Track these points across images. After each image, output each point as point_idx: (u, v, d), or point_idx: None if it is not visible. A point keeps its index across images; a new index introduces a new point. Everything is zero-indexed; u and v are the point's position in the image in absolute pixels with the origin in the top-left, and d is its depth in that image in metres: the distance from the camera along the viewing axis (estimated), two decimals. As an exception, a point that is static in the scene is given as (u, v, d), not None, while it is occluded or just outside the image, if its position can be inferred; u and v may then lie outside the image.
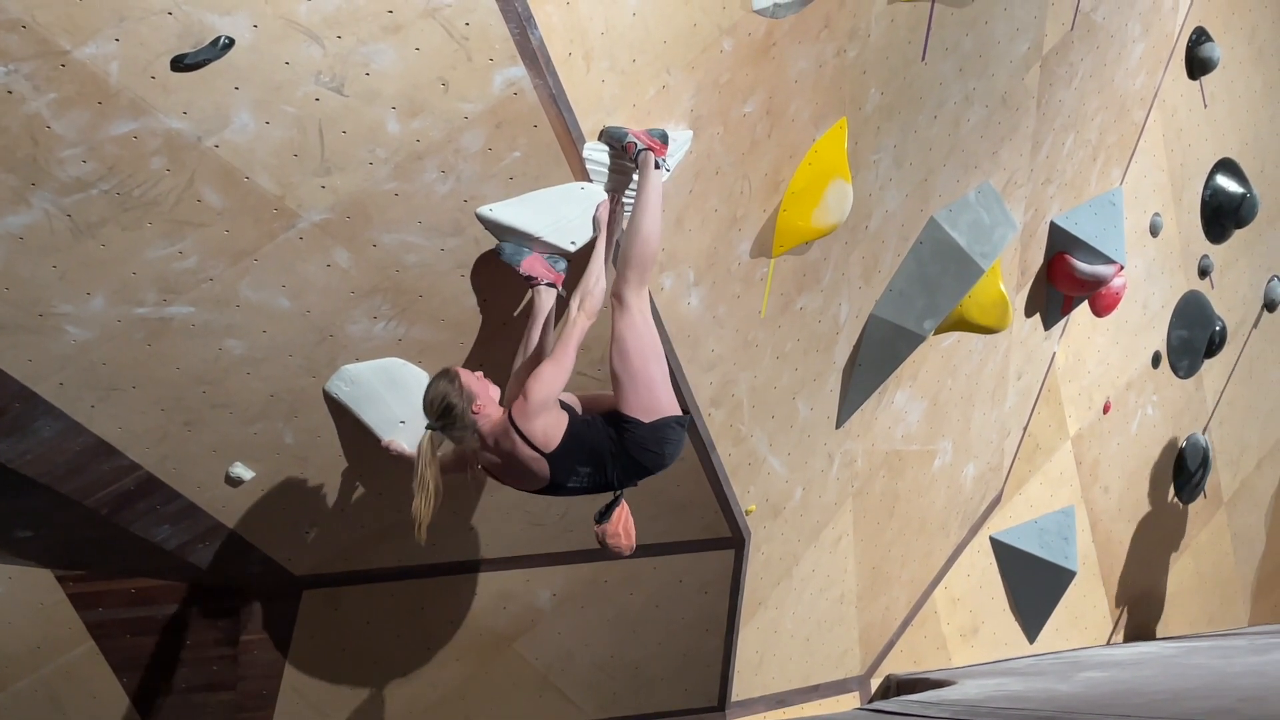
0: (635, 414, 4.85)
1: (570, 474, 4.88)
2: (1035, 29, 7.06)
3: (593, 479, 4.94)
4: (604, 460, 4.89)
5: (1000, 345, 8.34)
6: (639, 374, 4.86)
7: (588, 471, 4.91)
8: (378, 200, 4.80)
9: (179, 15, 4.17)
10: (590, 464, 4.89)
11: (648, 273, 4.93)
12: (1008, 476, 9.16)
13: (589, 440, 4.86)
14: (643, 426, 4.86)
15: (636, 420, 4.85)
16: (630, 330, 4.85)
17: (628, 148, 4.95)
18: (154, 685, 6.53)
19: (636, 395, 4.86)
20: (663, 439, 4.91)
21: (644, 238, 4.87)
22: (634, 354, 4.85)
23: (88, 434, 5.29)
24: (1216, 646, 9.42)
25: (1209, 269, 10.36)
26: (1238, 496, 11.59)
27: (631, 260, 4.88)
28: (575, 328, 4.81)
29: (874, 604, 8.24)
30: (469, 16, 4.44)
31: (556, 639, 6.87)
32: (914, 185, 6.86)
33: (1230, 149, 10.27)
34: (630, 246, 4.89)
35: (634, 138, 4.94)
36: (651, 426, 4.87)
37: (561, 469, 4.85)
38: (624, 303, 4.88)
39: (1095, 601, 10.08)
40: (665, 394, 4.93)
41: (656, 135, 5.00)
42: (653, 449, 4.90)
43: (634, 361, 4.85)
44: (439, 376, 4.82)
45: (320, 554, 6.27)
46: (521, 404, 4.76)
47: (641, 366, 4.86)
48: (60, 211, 4.53)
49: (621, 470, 4.92)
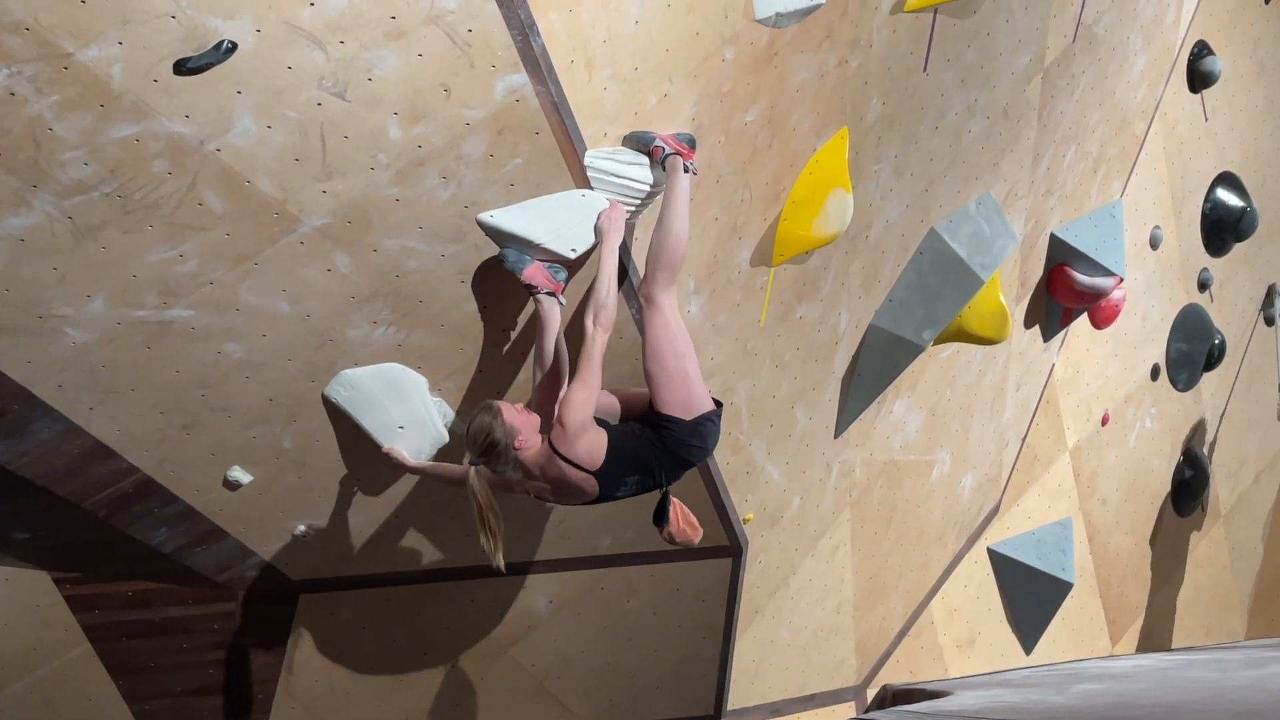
0: (675, 413, 4.92)
1: (619, 485, 4.97)
2: (1037, 41, 7.07)
3: (641, 484, 5.01)
4: (650, 465, 4.96)
5: (999, 356, 8.34)
6: (675, 373, 4.93)
7: (635, 480, 4.99)
8: (379, 205, 4.80)
9: (182, 19, 4.18)
10: (637, 471, 4.97)
11: (677, 273, 5.01)
12: (1006, 487, 9.15)
13: (632, 449, 4.93)
14: (683, 425, 4.93)
15: (677, 420, 4.92)
16: (663, 330, 4.93)
17: (654, 152, 5.00)
18: (149, 688, 6.53)
19: (674, 394, 4.92)
20: (705, 433, 4.99)
21: (675, 239, 4.95)
22: (668, 353, 4.93)
23: (86, 436, 5.29)
24: (1213, 659, 9.42)
25: (1208, 282, 10.37)
26: (1235, 510, 11.59)
27: (661, 261, 4.96)
28: (595, 344, 4.83)
29: (871, 614, 8.23)
30: (472, 23, 4.44)
31: (553, 646, 6.87)
32: (915, 196, 6.87)
33: (1231, 162, 10.29)
34: (661, 247, 4.97)
35: (661, 141, 5.01)
36: (692, 424, 4.95)
37: (610, 482, 4.93)
38: (654, 302, 4.95)
39: (1092, 614, 10.07)
40: (701, 390, 5.01)
41: (684, 139, 5.08)
42: (696, 443, 4.98)
43: (669, 361, 4.93)
44: (481, 411, 4.88)
45: (317, 558, 6.27)
46: (560, 432, 4.81)
47: (676, 365, 4.94)
48: (61, 214, 4.53)
49: (668, 470, 5.00)
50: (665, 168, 5.01)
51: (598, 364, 4.81)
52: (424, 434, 5.56)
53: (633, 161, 5.05)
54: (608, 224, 4.99)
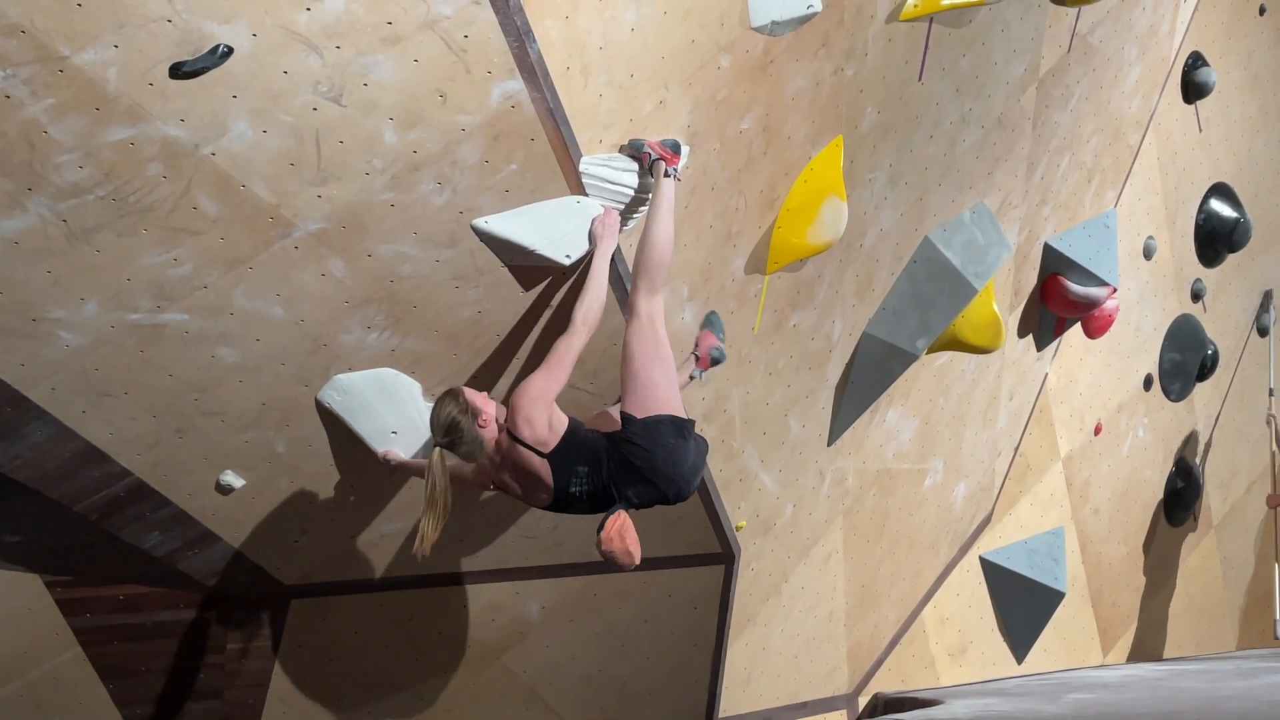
0: (630, 410, 4.88)
1: (570, 475, 4.87)
2: (1032, 51, 7.09)
3: (591, 479, 4.89)
4: (599, 458, 4.87)
5: (993, 365, 8.35)
6: (639, 374, 4.89)
7: (585, 471, 4.88)
8: (374, 211, 4.80)
9: (178, 23, 4.18)
10: (588, 464, 4.88)
11: (660, 279, 4.97)
12: (998, 497, 9.16)
13: (586, 439, 4.90)
14: (635, 421, 4.86)
15: (630, 415, 4.87)
16: (636, 335, 4.90)
17: (643, 158, 5.03)
18: (140, 692, 6.52)
19: (634, 394, 4.89)
20: (654, 437, 4.84)
21: (657, 245, 4.94)
22: (637, 356, 4.90)
23: (79, 439, 5.28)
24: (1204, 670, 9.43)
25: (1202, 292, 10.39)
26: (1227, 520, 11.60)
27: (643, 267, 4.95)
28: (574, 338, 4.83)
29: (863, 622, 8.24)
30: (468, 29, 4.44)
31: (545, 652, 6.86)
32: (909, 204, 6.88)
33: (1225, 173, 10.31)
34: (643, 253, 4.96)
35: (649, 148, 5.02)
36: (643, 422, 4.85)
37: (561, 470, 4.86)
38: (635, 309, 4.94)
39: (1084, 623, 10.08)
40: (665, 396, 4.92)
41: (669, 145, 5.08)
42: (643, 444, 4.83)
43: (635, 363, 4.90)
44: (445, 396, 4.89)
45: (309, 563, 6.26)
46: (511, 415, 4.82)
47: (642, 367, 4.90)
48: (56, 217, 4.53)
49: (614, 466, 4.85)
50: (652, 173, 5.03)
51: (569, 362, 4.81)
52: (417, 439, 5.56)
53: (627, 168, 5.05)
54: (602, 229, 4.99)
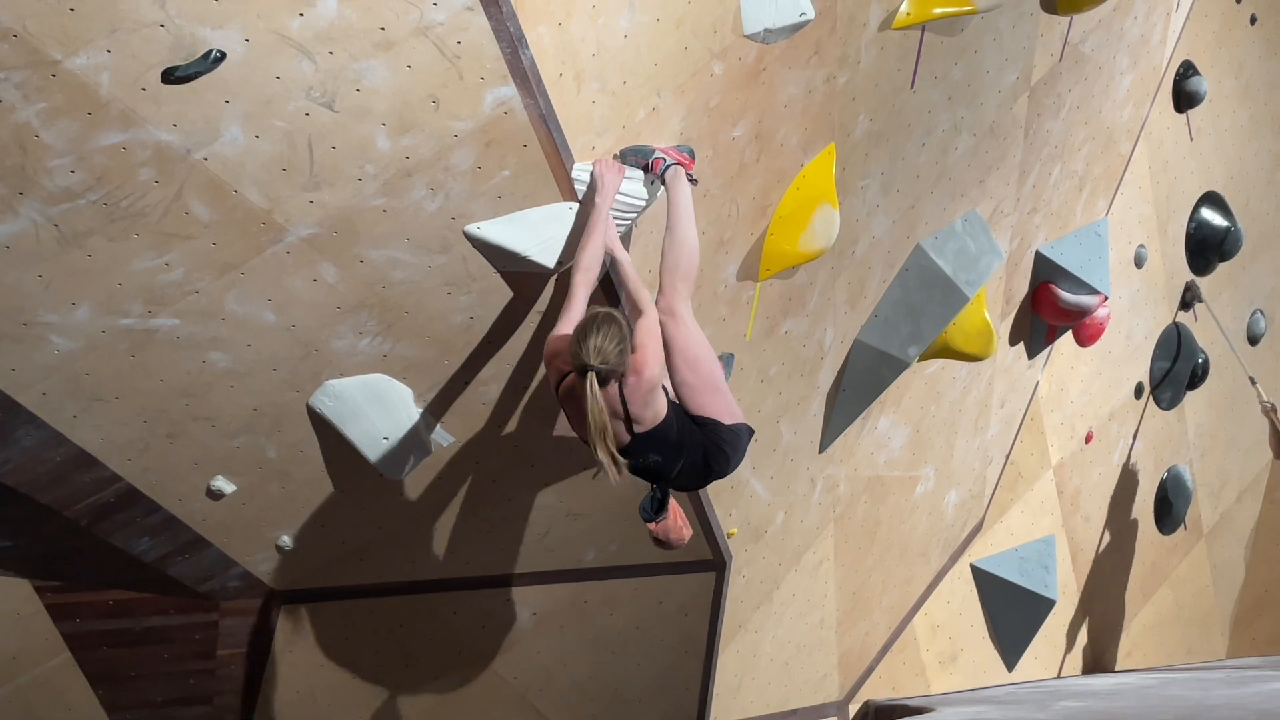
0: (716, 416, 4.91)
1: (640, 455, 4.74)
2: (1024, 59, 7.10)
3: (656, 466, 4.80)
4: (679, 453, 4.81)
5: (984, 373, 8.36)
6: (710, 378, 4.96)
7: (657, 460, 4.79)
8: (366, 216, 4.80)
9: (171, 28, 4.17)
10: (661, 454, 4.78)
11: (693, 282, 5.04)
12: (989, 504, 9.17)
13: (666, 435, 4.77)
14: (723, 428, 4.91)
15: (717, 421, 4.91)
16: (691, 339, 4.94)
17: (654, 164, 5.02)
18: (130, 698, 6.50)
19: (711, 399, 4.93)
20: (737, 445, 4.97)
21: (690, 249, 4.99)
22: (702, 360, 4.95)
23: (69, 444, 5.27)
24: (1194, 678, 9.45)
25: (1193, 301, 10.41)
26: (1218, 529, 11.61)
27: (679, 272, 4.99)
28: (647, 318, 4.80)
29: (854, 629, 8.24)
30: (461, 35, 4.45)
31: (535, 659, 6.86)
32: (901, 212, 6.89)
33: (1216, 182, 10.33)
34: (678, 259, 4.99)
35: (662, 154, 5.03)
36: (731, 429, 4.94)
37: (637, 450, 4.73)
38: (676, 313, 4.96)
39: (1074, 631, 10.09)
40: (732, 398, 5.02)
41: (685, 151, 5.11)
42: (727, 450, 4.93)
43: (703, 367, 4.95)
44: (605, 319, 4.54)
45: (300, 569, 6.25)
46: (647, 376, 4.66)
47: (710, 371, 4.97)
48: (47, 221, 4.52)
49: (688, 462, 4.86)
50: (666, 180, 5.02)
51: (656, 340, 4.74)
52: (408, 445, 5.56)
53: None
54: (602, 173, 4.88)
